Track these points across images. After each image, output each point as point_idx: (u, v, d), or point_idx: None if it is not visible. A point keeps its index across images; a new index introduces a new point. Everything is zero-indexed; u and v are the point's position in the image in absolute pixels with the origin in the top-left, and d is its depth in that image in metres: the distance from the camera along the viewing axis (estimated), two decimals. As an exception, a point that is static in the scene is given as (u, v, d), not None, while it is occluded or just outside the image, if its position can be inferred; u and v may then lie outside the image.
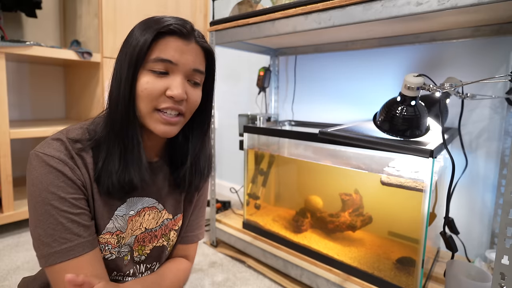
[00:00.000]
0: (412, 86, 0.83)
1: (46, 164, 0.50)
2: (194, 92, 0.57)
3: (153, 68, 0.52)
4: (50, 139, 0.53)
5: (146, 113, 0.53)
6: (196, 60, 0.55)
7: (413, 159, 0.89)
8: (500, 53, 1.10)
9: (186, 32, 0.53)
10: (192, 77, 0.56)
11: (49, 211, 0.49)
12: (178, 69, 0.53)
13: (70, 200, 0.50)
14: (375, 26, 1.05)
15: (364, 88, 1.44)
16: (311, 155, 1.31)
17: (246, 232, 1.36)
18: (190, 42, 0.54)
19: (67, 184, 0.50)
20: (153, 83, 0.52)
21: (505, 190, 0.61)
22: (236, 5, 1.31)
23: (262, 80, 1.63)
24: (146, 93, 0.52)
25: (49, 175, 0.49)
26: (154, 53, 0.52)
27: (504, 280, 0.61)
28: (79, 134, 0.55)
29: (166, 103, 0.53)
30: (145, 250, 0.65)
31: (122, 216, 0.59)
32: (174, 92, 0.52)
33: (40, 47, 1.43)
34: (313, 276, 1.07)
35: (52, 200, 0.49)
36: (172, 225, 0.68)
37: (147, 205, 0.63)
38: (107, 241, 0.57)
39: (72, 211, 0.50)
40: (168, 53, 0.52)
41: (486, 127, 1.14)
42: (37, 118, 1.95)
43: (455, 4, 0.73)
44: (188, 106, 0.56)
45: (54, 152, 0.51)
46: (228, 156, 2.14)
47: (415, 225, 0.91)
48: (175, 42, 0.53)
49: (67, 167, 0.51)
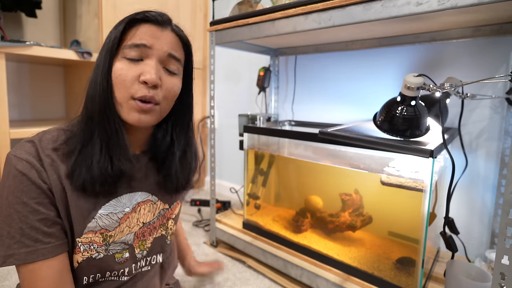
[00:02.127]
0: (412, 86, 0.83)
1: (14, 167, 0.50)
2: (169, 79, 0.56)
3: (127, 55, 0.52)
4: (24, 141, 0.53)
5: (122, 102, 0.53)
6: (171, 46, 0.55)
7: (413, 159, 0.89)
8: (500, 53, 1.10)
9: (161, 20, 0.54)
10: (168, 64, 0.55)
11: (12, 215, 0.50)
12: (152, 53, 0.53)
13: (32, 205, 0.50)
14: (375, 26, 1.05)
15: (364, 88, 1.44)
16: (311, 155, 1.31)
17: (246, 232, 1.36)
18: (165, 29, 0.55)
19: (30, 189, 0.50)
20: (127, 70, 0.52)
21: (505, 190, 0.61)
22: (236, 5, 1.31)
23: (262, 80, 1.63)
24: (120, 79, 0.52)
25: (15, 178, 0.50)
26: (128, 40, 0.53)
27: (504, 280, 0.61)
28: (54, 136, 0.55)
29: (141, 90, 0.52)
30: (146, 244, 0.65)
31: (108, 214, 0.57)
32: (146, 76, 0.52)
33: (40, 47, 1.43)
34: (313, 276, 1.07)
35: (15, 204, 0.49)
36: (169, 214, 0.68)
37: (141, 199, 0.62)
38: (91, 240, 0.56)
39: (32, 217, 0.50)
40: (141, 38, 0.52)
41: (486, 127, 1.14)
42: (37, 118, 1.95)
43: (455, 4, 0.73)
44: (164, 94, 0.55)
45: (23, 154, 0.51)
46: (228, 156, 2.14)
47: (415, 225, 0.91)
48: (149, 27, 0.53)
49: (33, 169, 0.50)
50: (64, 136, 0.55)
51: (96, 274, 0.58)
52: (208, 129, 2.23)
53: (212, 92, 1.38)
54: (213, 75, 1.37)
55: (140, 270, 0.65)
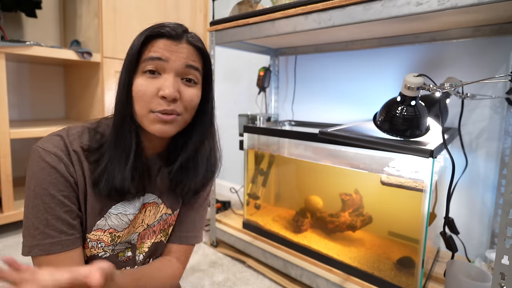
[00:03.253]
0: (412, 86, 0.83)
1: (42, 159, 0.52)
2: (188, 90, 0.56)
3: (145, 69, 0.53)
4: (52, 134, 0.55)
5: (143, 115, 0.54)
6: (188, 57, 0.55)
7: (413, 159, 0.89)
8: (500, 53, 1.10)
9: (175, 34, 0.54)
10: (186, 74, 0.56)
11: (38, 206, 0.51)
12: (169, 67, 0.54)
13: (59, 197, 0.52)
14: (375, 26, 1.05)
15: (364, 88, 1.44)
16: (311, 155, 1.31)
17: (246, 232, 1.36)
18: (180, 42, 0.55)
19: (58, 181, 0.52)
20: (146, 85, 0.53)
21: (505, 190, 0.61)
22: (236, 5, 1.31)
23: (262, 80, 1.63)
24: (140, 95, 0.53)
25: (43, 170, 0.51)
26: (145, 55, 0.54)
27: (504, 280, 0.61)
28: (79, 132, 0.57)
29: (160, 105, 0.53)
30: (144, 247, 0.65)
31: (117, 214, 0.59)
32: (165, 91, 0.52)
33: (40, 47, 1.43)
34: (313, 276, 1.07)
35: (43, 196, 0.51)
36: (171, 221, 0.68)
37: (148, 201, 0.63)
38: (99, 238, 0.57)
39: (58, 209, 0.52)
40: (157, 52, 0.53)
41: (486, 127, 1.14)
42: (37, 118, 1.95)
43: (455, 4, 0.73)
44: (184, 104, 0.56)
45: (52, 148, 0.52)
46: (228, 156, 2.14)
47: (415, 225, 0.91)
48: (164, 42, 0.54)
49: (61, 163, 0.52)
50: (88, 134, 0.57)
51: None
52: (208, 129, 2.22)
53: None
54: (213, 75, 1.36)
55: None
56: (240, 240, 1.32)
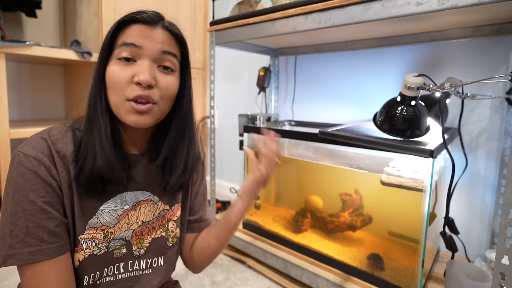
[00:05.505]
0: (412, 86, 0.83)
1: (22, 164, 0.49)
2: (165, 78, 0.55)
3: (119, 56, 0.52)
4: (32, 137, 0.53)
5: (119, 104, 0.53)
6: (164, 43, 0.54)
7: (413, 159, 0.89)
8: (500, 53, 1.10)
9: (150, 19, 0.53)
10: (162, 61, 0.55)
11: (17, 213, 0.49)
12: (144, 53, 0.53)
13: (40, 204, 0.49)
14: (375, 26, 1.05)
15: (364, 88, 1.44)
16: (311, 155, 1.31)
17: (246, 232, 1.36)
18: (156, 27, 0.54)
19: (39, 187, 0.49)
20: (119, 71, 0.52)
21: (505, 190, 0.61)
22: (236, 5, 1.31)
23: (262, 80, 1.63)
24: (114, 81, 0.52)
25: (23, 176, 0.49)
26: (119, 41, 0.53)
27: (504, 280, 0.61)
28: (62, 132, 0.55)
29: (135, 91, 0.52)
30: (144, 243, 0.65)
31: (109, 211, 0.58)
32: (140, 77, 0.51)
33: (40, 47, 1.43)
34: (313, 276, 1.07)
35: (23, 202, 0.49)
36: (170, 216, 0.68)
37: (142, 198, 0.63)
38: (93, 236, 0.57)
39: (39, 216, 0.49)
40: (131, 38, 0.52)
41: (486, 127, 1.14)
42: (37, 118, 1.95)
43: (455, 4, 0.73)
44: (160, 93, 0.55)
45: (32, 151, 0.50)
46: (228, 156, 2.14)
47: (415, 225, 0.91)
48: (138, 27, 0.53)
49: (42, 166, 0.50)
50: (70, 132, 0.56)
51: (96, 273, 0.59)
52: (208, 129, 2.23)
53: (212, 92, 1.38)
54: (213, 75, 1.37)
55: (141, 273, 0.65)
56: (240, 240, 1.32)
